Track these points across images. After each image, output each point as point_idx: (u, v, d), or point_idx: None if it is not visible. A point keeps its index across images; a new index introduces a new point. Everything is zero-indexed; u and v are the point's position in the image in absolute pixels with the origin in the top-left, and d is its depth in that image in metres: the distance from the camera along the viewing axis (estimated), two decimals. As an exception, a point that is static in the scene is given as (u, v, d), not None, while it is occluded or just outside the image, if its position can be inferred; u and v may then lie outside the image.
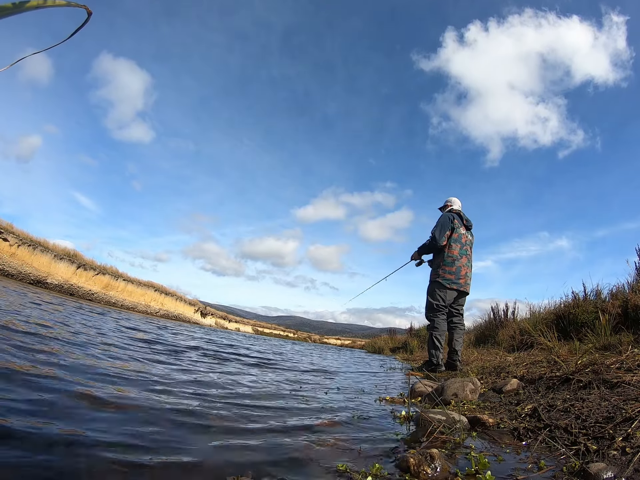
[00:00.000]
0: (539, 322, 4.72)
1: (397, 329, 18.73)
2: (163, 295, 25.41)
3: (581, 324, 3.96)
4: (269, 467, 1.07)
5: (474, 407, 1.96)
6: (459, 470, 1.10)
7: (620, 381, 1.68)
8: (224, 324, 31.38)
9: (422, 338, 13.03)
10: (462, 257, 4.11)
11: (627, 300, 3.65)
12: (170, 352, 3.63)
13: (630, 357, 2.04)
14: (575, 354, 2.64)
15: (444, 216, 4.25)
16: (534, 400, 1.85)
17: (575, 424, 1.38)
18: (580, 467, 1.07)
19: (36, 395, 1.33)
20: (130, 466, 0.95)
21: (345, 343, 37.07)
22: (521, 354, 3.83)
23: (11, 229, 17.13)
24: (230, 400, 1.87)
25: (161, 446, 1.10)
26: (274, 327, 39.31)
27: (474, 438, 1.47)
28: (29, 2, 0.55)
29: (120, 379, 1.91)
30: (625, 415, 1.30)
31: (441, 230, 4.14)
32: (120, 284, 22.26)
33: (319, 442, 1.33)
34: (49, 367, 1.79)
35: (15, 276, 16.14)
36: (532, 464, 1.17)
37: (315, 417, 1.73)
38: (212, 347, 5.35)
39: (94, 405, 1.37)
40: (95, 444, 1.03)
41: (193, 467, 1.01)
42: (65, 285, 18.56)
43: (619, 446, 1.13)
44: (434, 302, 4.08)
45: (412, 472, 1.07)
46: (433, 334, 4.03)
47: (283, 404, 1.97)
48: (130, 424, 1.25)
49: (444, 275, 4.09)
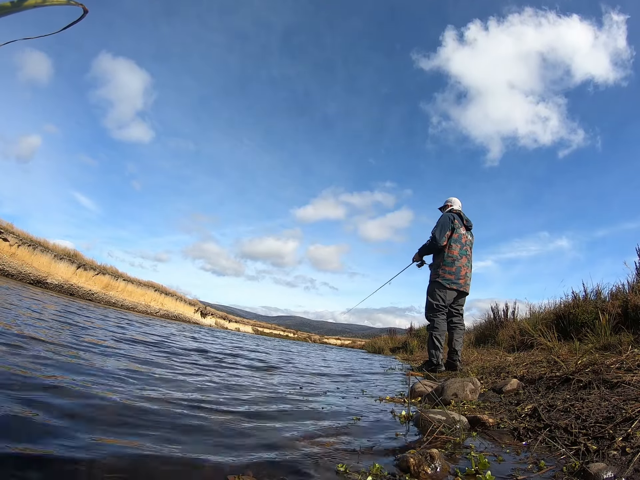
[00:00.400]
0: (539, 322, 4.72)
1: (397, 329, 18.75)
2: (163, 296, 25.41)
3: (581, 324, 3.96)
4: (269, 467, 1.06)
5: (474, 407, 1.96)
6: (459, 470, 1.10)
7: (620, 381, 1.67)
8: (224, 324, 31.38)
9: (422, 338, 13.03)
10: (462, 257, 4.11)
11: (627, 300, 3.64)
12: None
13: (630, 357, 2.03)
14: (575, 354, 2.64)
15: (444, 216, 4.25)
16: (534, 400, 1.85)
17: (575, 424, 1.38)
18: (580, 467, 1.06)
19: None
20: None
21: (345, 343, 37.08)
22: (521, 354, 3.83)
23: (11, 229, 17.13)
24: (232, 400, 1.87)
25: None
26: (274, 327, 39.32)
27: (474, 438, 1.47)
28: (28, 1, 0.55)
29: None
30: (625, 415, 1.30)
31: (441, 230, 4.14)
32: (120, 284, 22.26)
33: (319, 442, 1.33)
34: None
35: (15, 276, 16.14)
36: (532, 464, 1.17)
37: (315, 417, 1.73)
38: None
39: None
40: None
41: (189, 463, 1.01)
42: (65, 285, 18.56)
43: (619, 446, 1.13)
44: (433, 302, 4.08)
45: (412, 472, 1.07)
46: (433, 334, 4.03)
47: (282, 404, 1.97)
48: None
49: (444, 275, 4.09)
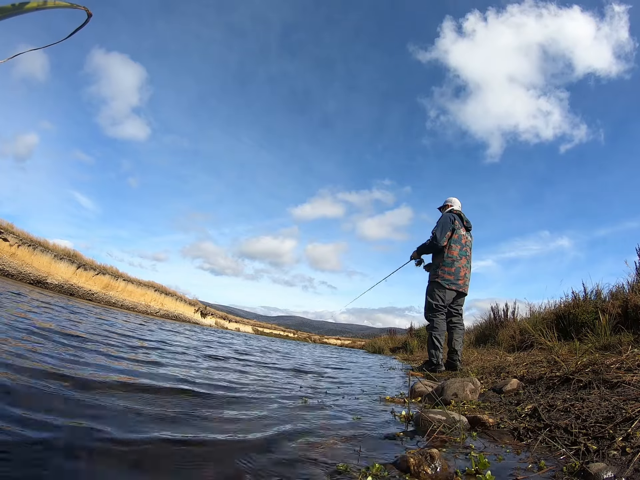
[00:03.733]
0: (539, 322, 4.72)
1: (397, 329, 18.78)
2: (163, 296, 25.43)
3: (581, 324, 3.96)
4: (269, 467, 1.07)
5: (474, 407, 1.96)
6: (459, 470, 1.10)
7: (620, 381, 1.68)
8: (224, 324, 31.40)
9: (422, 338, 13.04)
10: (461, 258, 4.12)
11: (627, 300, 3.65)
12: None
13: (630, 357, 2.04)
14: (575, 354, 2.64)
15: (445, 216, 4.25)
16: (534, 400, 1.85)
17: (575, 424, 1.38)
18: (580, 467, 1.07)
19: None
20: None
21: (345, 343, 37.11)
22: (521, 354, 3.83)
23: (11, 229, 17.14)
24: (231, 396, 1.87)
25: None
26: (274, 327, 39.35)
27: (474, 438, 1.47)
28: (29, 3, 0.55)
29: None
30: (625, 415, 1.30)
31: (442, 230, 4.14)
32: (120, 284, 22.28)
33: (319, 442, 1.33)
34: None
35: (15, 276, 16.14)
36: (532, 463, 1.17)
37: (315, 417, 1.73)
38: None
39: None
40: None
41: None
42: (65, 285, 18.57)
43: (619, 446, 1.13)
44: (433, 302, 4.08)
45: (412, 472, 1.07)
46: (433, 334, 4.03)
47: (282, 405, 1.97)
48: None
49: (443, 275, 4.09)
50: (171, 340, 5.47)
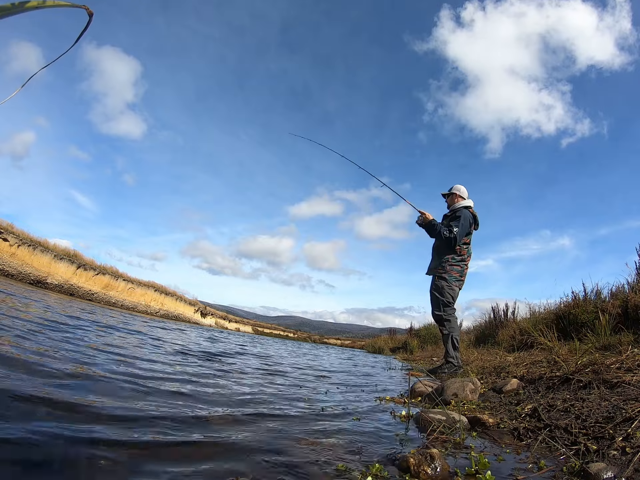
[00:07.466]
0: (539, 322, 4.72)
1: (397, 329, 18.81)
2: (163, 296, 25.42)
3: (581, 324, 3.96)
4: (269, 468, 1.06)
5: (474, 407, 1.96)
6: (459, 470, 1.10)
7: (620, 381, 1.68)
8: (224, 324, 31.40)
9: (422, 338, 13.06)
10: (467, 257, 4.10)
11: (627, 300, 3.64)
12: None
13: (630, 357, 2.04)
14: (575, 354, 2.64)
15: (466, 216, 4.04)
16: (534, 400, 1.85)
17: (575, 424, 1.38)
18: (580, 467, 1.07)
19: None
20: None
21: (345, 343, 37.11)
22: (521, 354, 3.83)
23: (11, 229, 17.15)
24: (236, 401, 1.87)
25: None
26: (274, 327, 39.37)
27: (474, 438, 1.47)
28: (29, 2, 0.55)
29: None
30: (625, 415, 1.30)
31: (464, 231, 3.97)
32: (120, 284, 22.27)
33: (319, 442, 1.33)
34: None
35: (15, 276, 16.14)
36: (532, 463, 1.17)
37: (315, 417, 1.73)
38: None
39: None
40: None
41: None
42: (66, 285, 18.57)
43: (619, 446, 1.13)
44: (445, 300, 3.95)
45: (412, 472, 1.07)
46: (452, 335, 3.85)
47: (282, 405, 1.97)
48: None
49: (452, 273, 4.01)
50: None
